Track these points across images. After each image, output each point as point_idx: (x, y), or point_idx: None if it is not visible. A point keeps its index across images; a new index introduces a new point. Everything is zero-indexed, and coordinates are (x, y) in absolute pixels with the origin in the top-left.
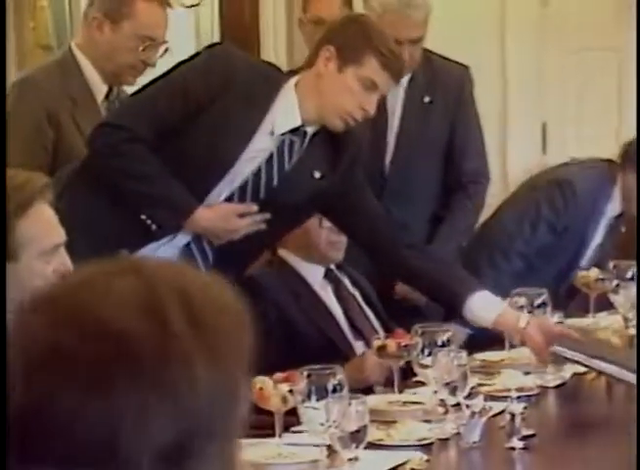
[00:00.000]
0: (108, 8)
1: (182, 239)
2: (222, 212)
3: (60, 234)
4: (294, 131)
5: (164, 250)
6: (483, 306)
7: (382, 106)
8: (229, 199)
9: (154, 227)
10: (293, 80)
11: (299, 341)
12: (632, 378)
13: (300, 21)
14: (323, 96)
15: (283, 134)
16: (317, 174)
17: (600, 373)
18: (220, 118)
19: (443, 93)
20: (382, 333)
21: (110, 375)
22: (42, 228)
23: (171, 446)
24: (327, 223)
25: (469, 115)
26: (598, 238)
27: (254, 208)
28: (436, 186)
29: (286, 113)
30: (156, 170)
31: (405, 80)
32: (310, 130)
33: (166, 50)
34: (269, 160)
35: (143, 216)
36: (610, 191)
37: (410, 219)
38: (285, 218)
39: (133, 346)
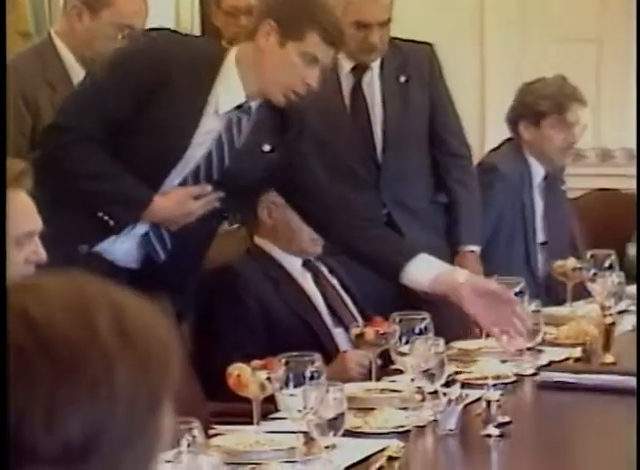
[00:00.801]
0: None
1: (140, 228)
2: (177, 198)
3: (35, 222)
4: (239, 108)
5: (123, 240)
6: (422, 268)
7: (360, 97)
8: (183, 184)
9: (111, 223)
10: (232, 54)
11: (279, 329)
12: (630, 381)
13: (213, 11)
14: (265, 71)
15: (228, 112)
16: (267, 147)
17: (594, 390)
18: (166, 107)
19: (416, 70)
20: (360, 321)
21: (24, 359)
22: (15, 215)
23: (78, 442)
24: None
25: (443, 89)
26: (539, 206)
27: (208, 188)
28: (428, 163)
29: (229, 90)
30: (107, 168)
31: (377, 65)
32: (254, 105)
33: None
34: (218, 140)
35: (100, 214)
36: (523, 159)
37: (410, 201)
38: (240, 197)
39: (50, 335)
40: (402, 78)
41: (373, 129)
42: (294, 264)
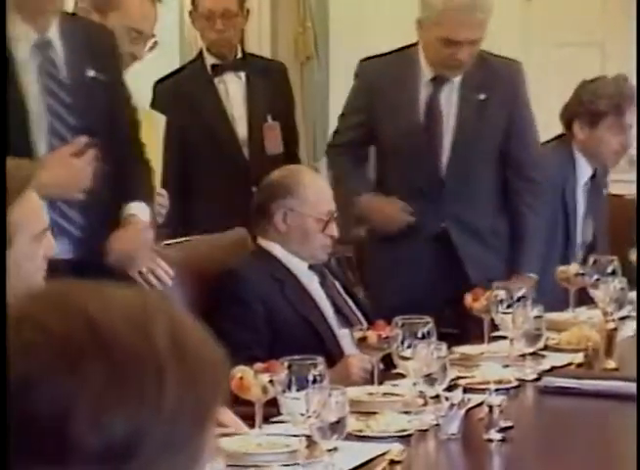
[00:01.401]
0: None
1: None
2: (56, 161)
3: (45, 219)
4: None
5: None
6: None
7: (435, 107)
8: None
9: None
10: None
11: (284, 331)
12: (632, 387)
13: (193, 16)
14: None
15: (36, 45)
16: (91, 73)
17: (596, 395)
18: None
19: (500, 88)
20: (365, 324)
21: (78, 354)
22: (32, 213)
23: (120, 442)
24: (332, 231)
25: (526, 111)
26: (581, 206)
27: (81, 139)
28: (496, 183)
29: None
30: None
31: (458, 80)
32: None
33: (155, 44)
34: (43, 81)
35: None
36: (572, 158)
37: (472, 219)
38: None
39: (109, 337)
40: (482, 96)
41: (443, 142)
42: (300, 267)
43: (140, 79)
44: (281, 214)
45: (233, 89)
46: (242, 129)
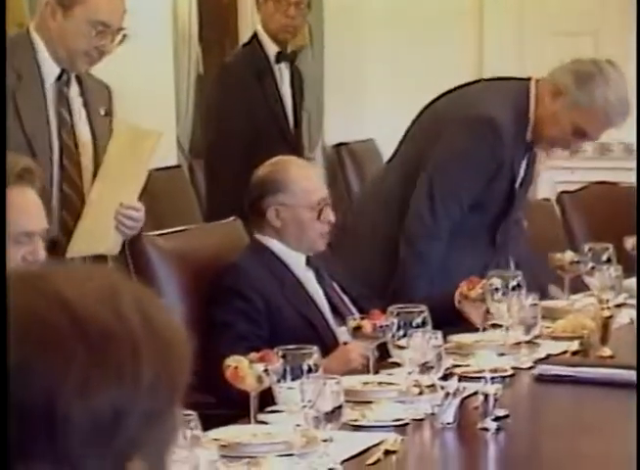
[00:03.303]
0: None
1: None
2: None
3: (37, 222)
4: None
5: None
6: None
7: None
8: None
9: None
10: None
11: (282, 326)
12: (629, 375)
13: (259, 2)
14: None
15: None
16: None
17: (592, 383)
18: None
19: None
20: (357, 315)
21: (59, 337)
22: (14, 212)
23: (107, 417)
24: (328, 216)
25: None
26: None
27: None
28: None
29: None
30: None
31: None
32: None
33: (124, 37)
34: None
35: None
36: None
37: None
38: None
39: (86, 319)
40: None
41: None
42: (297, 263)
43: (132, 68)
44: (273, 211)
45: (285, 78)
46: (290, 119)
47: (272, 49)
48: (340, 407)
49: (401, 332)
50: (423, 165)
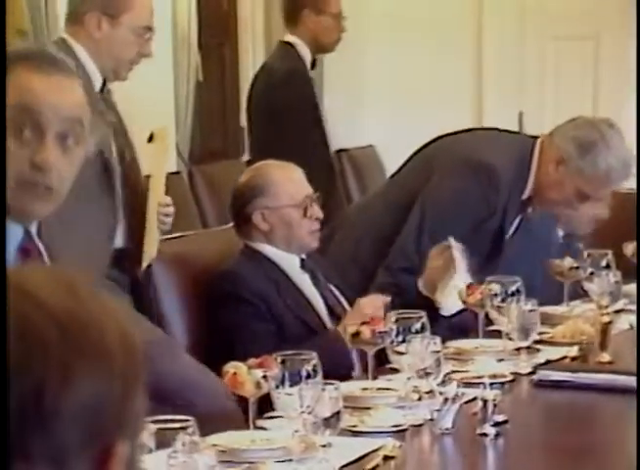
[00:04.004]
0: (104, 3)
1: None
2: None
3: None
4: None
5: None
6: None
7: None
8: None
9: None
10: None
11: (281, 330)
12: (628, 380)
13: (307, 15)
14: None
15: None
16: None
17: (591, 389)
18: None
19: None
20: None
21: (37, 333)
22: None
23: (90, 400)
24: (315, 212)
25: None
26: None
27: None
28: None
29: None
30: None
31: None
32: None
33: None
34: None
35: None
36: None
37: None
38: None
39: (58, 313)
40: None
41: None
42: (292, 266)
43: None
44: (259, 215)
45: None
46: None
47: (308, 57)
48: (338, 413)
49: (400, 338)
50: (417, 199)
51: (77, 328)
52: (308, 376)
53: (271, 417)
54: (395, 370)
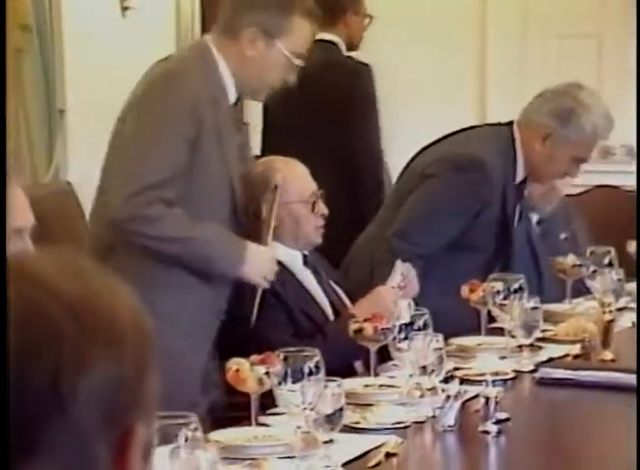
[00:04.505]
0: (264, 22)
1: None
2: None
3: (26, 218)
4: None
5: None
6: None
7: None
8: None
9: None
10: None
11: (293, 324)
12: (630, 378)
13: (348, 17)
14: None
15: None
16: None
17: (593, 387)
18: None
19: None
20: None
21: (51, 320)
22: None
23: (107, 381)
24: (321, 209)
25: None
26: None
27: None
28: None
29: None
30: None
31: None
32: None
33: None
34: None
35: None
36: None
37: None
38: None
39: (72, 300)
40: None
41: None
42: (295, 262)
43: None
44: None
45: None
46: None
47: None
48: (341, 410)
49: (402, 335)
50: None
51: (89, 313)
52: (311, 373)
53: (273, 414)
54: (398, 367)
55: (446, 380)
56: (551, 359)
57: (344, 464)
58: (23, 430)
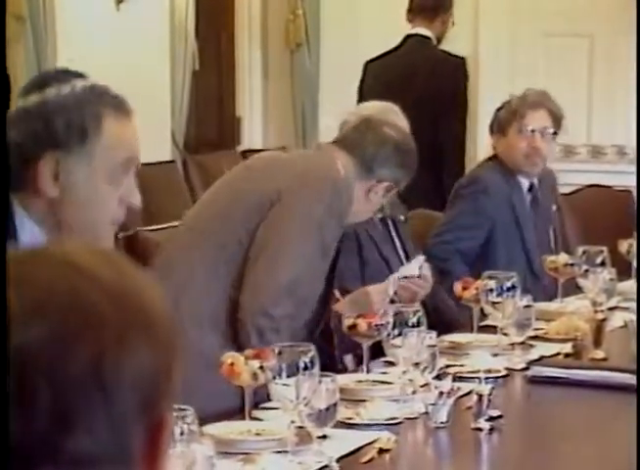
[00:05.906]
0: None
1: None
2: None
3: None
4: None
5: None
6: None
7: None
8: None
9: None
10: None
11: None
12: (621, 377)
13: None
14: None
15: None
16: None
17: (584, 385)
18: None
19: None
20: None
21: (86, 303)
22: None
23: (148, 371)
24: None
25: None
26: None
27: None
28: None
29: None
30: None
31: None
32: None
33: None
34: None
35: None
36: (510, 172)
37: None
38: None
39: (103, 282)
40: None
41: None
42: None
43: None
44: None
45: None
46: None
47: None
48: (334, 405)
49: (396, 331)
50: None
51: (128, 300)
52: (305, 368)
53: (267, 408)
54: (391, 363)
55: (439, 377)
56: (542, 358)
57: (338, 459)
58: (63, 407)
